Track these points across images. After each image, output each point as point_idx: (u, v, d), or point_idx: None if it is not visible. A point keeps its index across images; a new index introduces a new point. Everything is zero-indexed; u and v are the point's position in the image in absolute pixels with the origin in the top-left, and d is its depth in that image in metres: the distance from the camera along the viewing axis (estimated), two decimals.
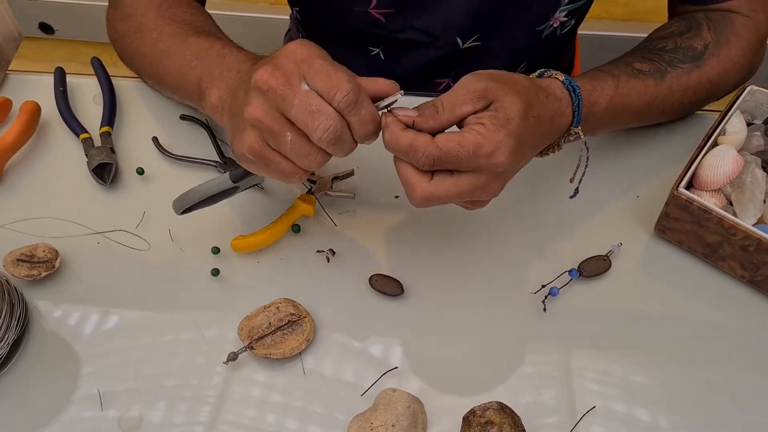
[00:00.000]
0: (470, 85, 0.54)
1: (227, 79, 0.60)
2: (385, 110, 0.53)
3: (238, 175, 0.60)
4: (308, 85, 0.50)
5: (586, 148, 0.61)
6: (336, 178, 0.70)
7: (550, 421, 0.58)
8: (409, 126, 0.53)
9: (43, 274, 0.65)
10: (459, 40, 0.81)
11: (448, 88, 0.89)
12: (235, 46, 0.65)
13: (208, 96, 0.61)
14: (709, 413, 0.59)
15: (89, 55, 0.82)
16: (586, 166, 0.63)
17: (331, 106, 0.50)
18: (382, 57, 0.86)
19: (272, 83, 0.50)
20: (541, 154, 0.61)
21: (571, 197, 0.65)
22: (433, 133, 0.53)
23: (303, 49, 0.52)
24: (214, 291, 0.66)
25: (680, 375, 0.61)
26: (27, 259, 0.66)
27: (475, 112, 0.53)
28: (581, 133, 0.60)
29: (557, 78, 0.60)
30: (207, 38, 0.66)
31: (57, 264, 0.66)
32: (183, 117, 0.79)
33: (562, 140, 0.61)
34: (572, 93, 0.59)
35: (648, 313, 0.64)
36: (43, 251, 0.66)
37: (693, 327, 0.63)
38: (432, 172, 0.53)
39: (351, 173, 0.70)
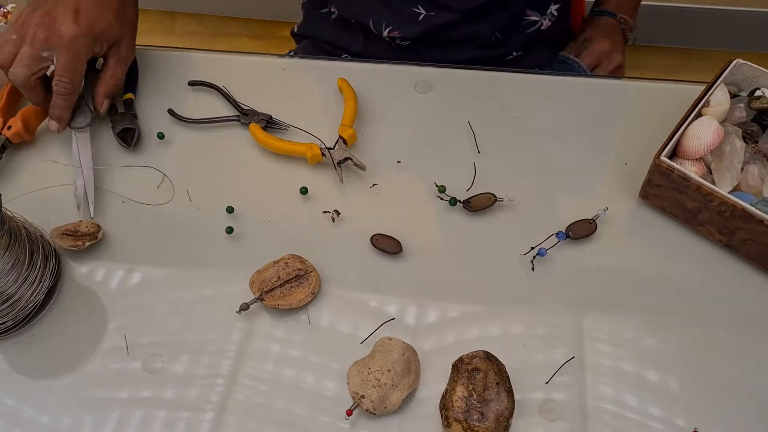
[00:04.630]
0: None
1: None
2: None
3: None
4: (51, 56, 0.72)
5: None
6: (349, 158, 0.75)
7: (534, 370, 0.63)
8: None
9: (87, 244, 0.70)
10: None
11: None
12: None
13: None
14: (684, 367, 0.63)
15: None
16: None
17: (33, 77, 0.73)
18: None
19: (28, 30, 0.71)
20: None
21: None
22: None
23: (73, 38, 0.71)
24: (228, 247, 0.71)
25: (659, 332, 0.65)
26: (71, 233, 0.71)
27: None
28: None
29: None
30: None
31: (100, 236, 0.71)
32: (191, 83, 0.84)
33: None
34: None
35: (631, 274, 0.68)
36: (86, 227, 0.72)
37: (672, 288, 0.67)
38: None
39: (362, 167, 0.74)
